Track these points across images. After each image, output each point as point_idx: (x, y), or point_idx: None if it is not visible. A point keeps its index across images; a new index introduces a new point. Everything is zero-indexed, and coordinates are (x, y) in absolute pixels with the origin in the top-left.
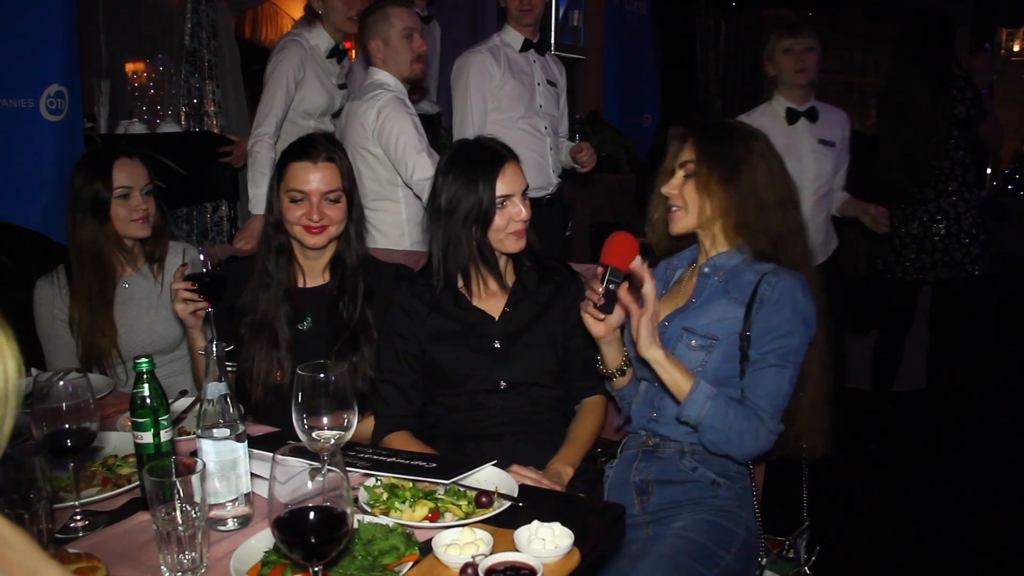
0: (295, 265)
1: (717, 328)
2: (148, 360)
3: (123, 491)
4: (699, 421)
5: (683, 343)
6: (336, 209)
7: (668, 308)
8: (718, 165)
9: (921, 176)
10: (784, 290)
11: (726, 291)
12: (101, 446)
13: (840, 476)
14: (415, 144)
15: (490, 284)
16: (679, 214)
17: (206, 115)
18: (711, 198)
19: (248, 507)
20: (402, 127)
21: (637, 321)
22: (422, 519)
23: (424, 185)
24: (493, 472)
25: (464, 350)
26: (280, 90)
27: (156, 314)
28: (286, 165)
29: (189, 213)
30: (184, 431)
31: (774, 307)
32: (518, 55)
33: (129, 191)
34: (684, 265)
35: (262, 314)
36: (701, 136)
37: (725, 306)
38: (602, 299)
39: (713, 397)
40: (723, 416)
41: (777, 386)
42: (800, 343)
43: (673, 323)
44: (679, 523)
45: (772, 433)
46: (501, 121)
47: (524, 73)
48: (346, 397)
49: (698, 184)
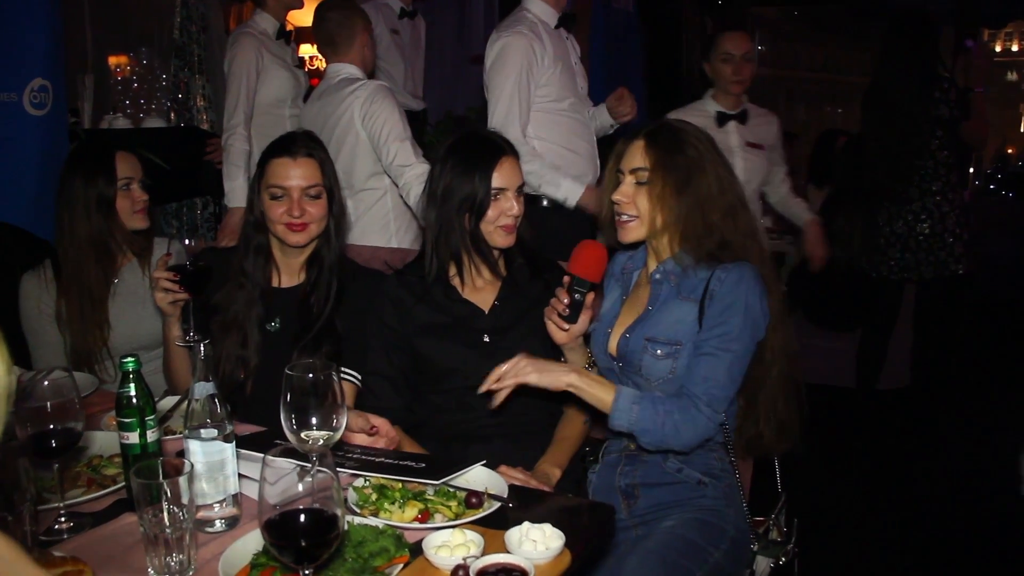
0: (271, 264)
1: (677, 332)
2: (134, 359)
3: (108, 492)
4: (632, 428)
5: (648, 354)
6: (317, 206)
7: (628, 319)
8: (672, 174)
9: (904, 175)
10: (731, 280)
11: (679, 292)
12: (86, 446)
13: (823, 474)
14: (400, 132)
15: (483, 273)
16: (632, 224)
17: (196, 110)
18: (664, 208)
19: (236, 508)
20: (390, 113)
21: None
22: (412, 520)
23: (402, 172)
24: (482, 472)
25: (452, 343)
26: (241, 82)
27: (143, 309)
28: (266, 162)
29: (179, 209)
30: (170, 430)
31: (724, 299)
32: (553, 32)
33: (131, 182)
34: (638, 267)
35: (234, 314)
36: (653, 142)
37: (680, 308)
38: (567, 309)
39: (639, 400)
40: (653, 416)
41: (712, 372)
42: (740, 329)
43: (635, 335)
44: (668, 522)
45: (710, 420)
46: (551, 110)
47: (563, 54)
48: (335, 397)
49: (651, 194)
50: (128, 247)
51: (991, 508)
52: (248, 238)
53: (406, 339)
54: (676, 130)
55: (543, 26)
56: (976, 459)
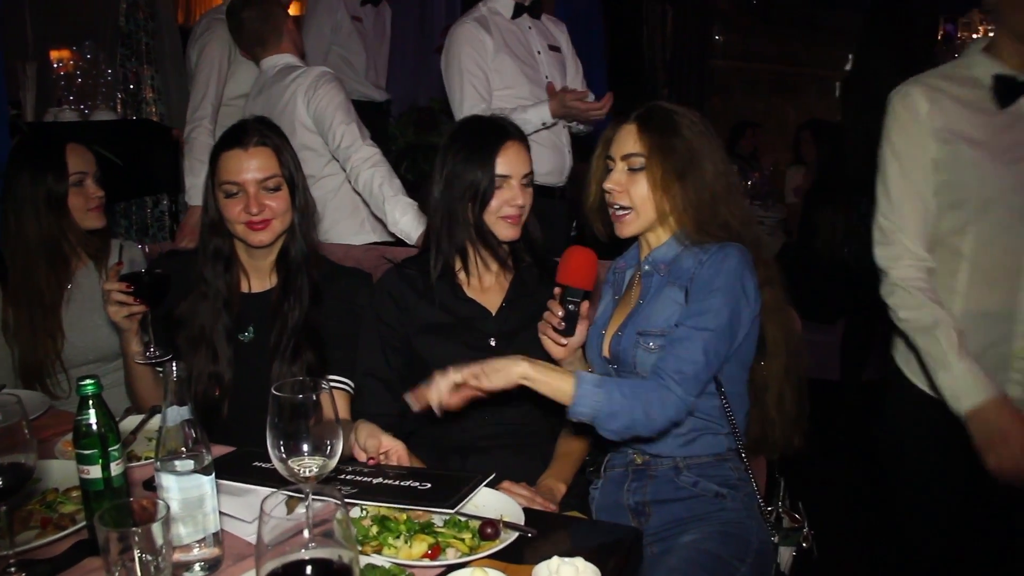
0: (238, 268)
1: (668, 321)
2: (94, 382)
3: (67, 534)
4: (595, 414)
5: (641, 348)
6: (277, 199)
7: (620, 317)
8: (671, 158)
9: None
10: (714, 260)
11: (669, 281)
12: (39, 478)
13: (809, 467)
14: (344, 115)
15: (491, 266)
16: (628, 217)
17: (145, 102)
18: (667, 195)
19: (218, 548)
20: (334, 96)
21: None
22: (421, 557)
23: (349, 155)
24: (493, 496)
25: (456, 345)
26: (212, 73)
27: (100, 317)
28: (217, 157)
29: (128, 208)
30: (135, 456)
31: (700, 278)
32: (510, 23)
33: (84, 177)
34: (631, 265)
35: (200, 328)
36: (647, 125)
37: (671, 296)
38: (562, 323)
39: (601, 384)
40: (618, 399)
41: (685, 350)
42: (719, 308)
43: (627, 331)
44: (688, 536)
45: (681, 400)
46: (504, 99)
47: (520, 43)
48: (330, 419)
49: (650, 180)
50: (83, 249)
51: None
52: (205, 243)
53: (405, 339)
54: (668, 112)
55: (497, 17)
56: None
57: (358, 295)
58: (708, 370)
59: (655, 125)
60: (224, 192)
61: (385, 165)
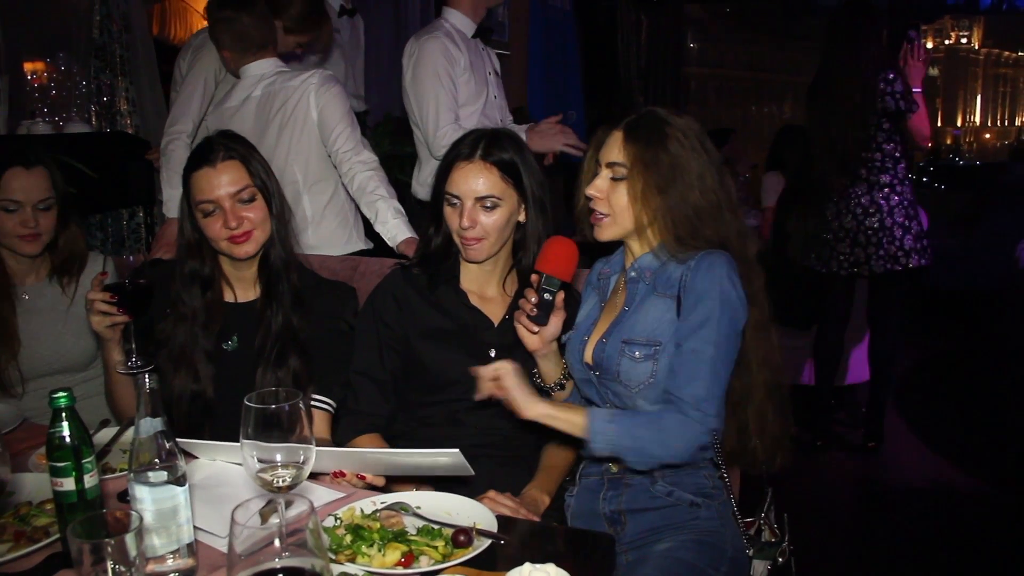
0: (220, 281)
1: (656, 331)
2: (67, 395)
3: (40, 547)
4: (614, 450)
5: (627, 357)
6: (254, 209)
7: (604, 324)
8: (653, 171)
9: (851, 169)
10: (702, 268)
11: (655, 288)
12: (12, 491)
13: (787, 474)
14: (350, 119)
15: (492, 279)
16: (606, 221)
17: (119, 114)
18: (646, 207)
19: (192, 559)
20: (342, 100)
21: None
22: (395, 565)
23: (348, 157)
24: (466, 504)
25: (456, 352)
26: (199, 87)
27: (64, 327)
28: (188, 179)
29: (103, 220)
30: (109, 468)
31: (697, 290)
32: (470, 41)
33: (18, 207)
34: (616, 271)
35: (180, 347)
36: (633, 135)
37: (658, 305)
38: (535, 309)
39: (613, 419)
40: (633, 432)
41: (696, 371)
42: (719, 320)
43: (611, 339)
44: (663, 545)
45: (701, 424)
46: (463, 115)
47: (478, 62)
48: (302, 430)
49: (630, 191)
50: (28, 263)
51: (954, 496)
52: (182, 264)
53: (404, 340)
54: (660, 122)
55: (459, 35)
56: (940, 450)
57: (344, 311)
58: (720, 387)
59: (641, 135)
60: (202, 212)
61: (382, 172)
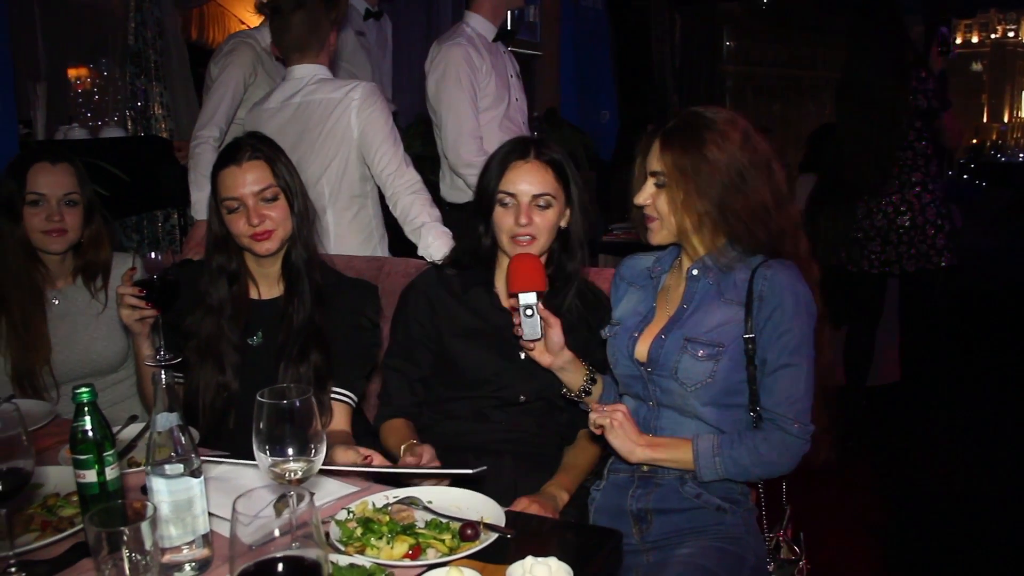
0: (246, 278)
1: (720, 334)
2: (89, 390)
3: (65, 536)
4: (726, 475)
5: (688, 354)
6: (276, 208)
7: (661, 320)
8: (691, 178)
9: (884, 168)
10: (781, 282)
11: (719, 293)
12: (40, 483)
13: (818, 473)
14: (394, 137)
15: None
16: (655, 226)
17: (153, 119)
18: (688, 212)
19: (207, 549)
20: (386, 117)
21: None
22: (402, 557)
23: (392, 179)
24: (474, 498)
25: (489, 352)
26: (228, 93)
27: (95, 331)
28: (215, 177)
29: (139, 223)
30: (135, 462)
31: (774, 302)
32: (491, 45)
33: (41, 198)
34: (667, 269)
35: (206, 339)
36: (669, 143)
37: (723, 309)
38: (520, 329)
39: (719, 453)
40: (737, 460)
41: (793, 386)
42: (804, 333)
43: (671, 335)
44: (684, 549)
45: (800, 438)
46: (486, 120)
47: (500, 66)
48: (313, 424)
49: (671, 199)
50: (55, 266)
51: (988, 500)
52: (209, 259)
53: (436, 338)
54: (699, 126)
55: (480, 39)
56: (971, 452)
57: (366, 307)
58: (811, 397)
59: (678, 142)
60: (227, 208)
61: (426, 192)
